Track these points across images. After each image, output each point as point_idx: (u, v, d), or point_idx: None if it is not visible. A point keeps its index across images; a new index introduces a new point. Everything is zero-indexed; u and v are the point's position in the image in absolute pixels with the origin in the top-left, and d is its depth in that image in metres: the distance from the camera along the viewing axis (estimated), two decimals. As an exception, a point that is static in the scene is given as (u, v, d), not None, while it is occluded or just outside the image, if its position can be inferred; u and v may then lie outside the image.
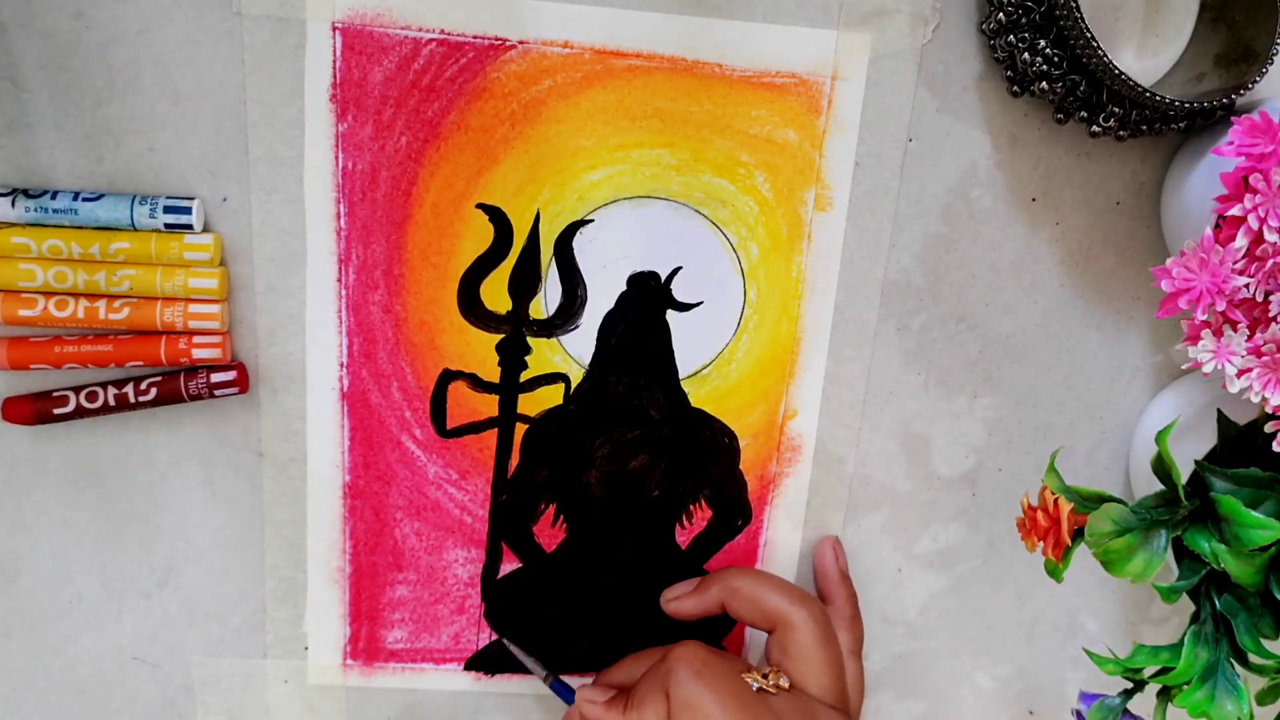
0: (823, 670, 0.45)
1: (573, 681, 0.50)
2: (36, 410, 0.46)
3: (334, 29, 0.44)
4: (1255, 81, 0.42)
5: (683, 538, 0.51)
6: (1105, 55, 0.42)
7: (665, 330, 0.48)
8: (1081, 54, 0.42)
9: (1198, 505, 0.41)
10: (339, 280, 0.46)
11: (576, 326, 0.48)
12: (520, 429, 0.49)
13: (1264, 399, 0.39)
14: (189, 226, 0.44)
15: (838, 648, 0.46)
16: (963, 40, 0.46)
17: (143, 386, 0.46)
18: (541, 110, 0.45)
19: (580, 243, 0.47)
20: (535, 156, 0.46)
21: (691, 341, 0.48)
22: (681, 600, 0.48)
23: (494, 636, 0.51)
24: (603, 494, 0.50)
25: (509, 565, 0.50)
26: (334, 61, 0.44)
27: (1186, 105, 0.43)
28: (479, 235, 0.47)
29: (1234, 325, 0.39)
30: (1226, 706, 0.41)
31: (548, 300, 0.48)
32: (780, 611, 0.45)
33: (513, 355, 0.48)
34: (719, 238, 0.47)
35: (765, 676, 0.44)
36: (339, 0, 0.43)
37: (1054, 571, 0.42)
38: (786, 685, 0.44)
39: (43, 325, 0.45)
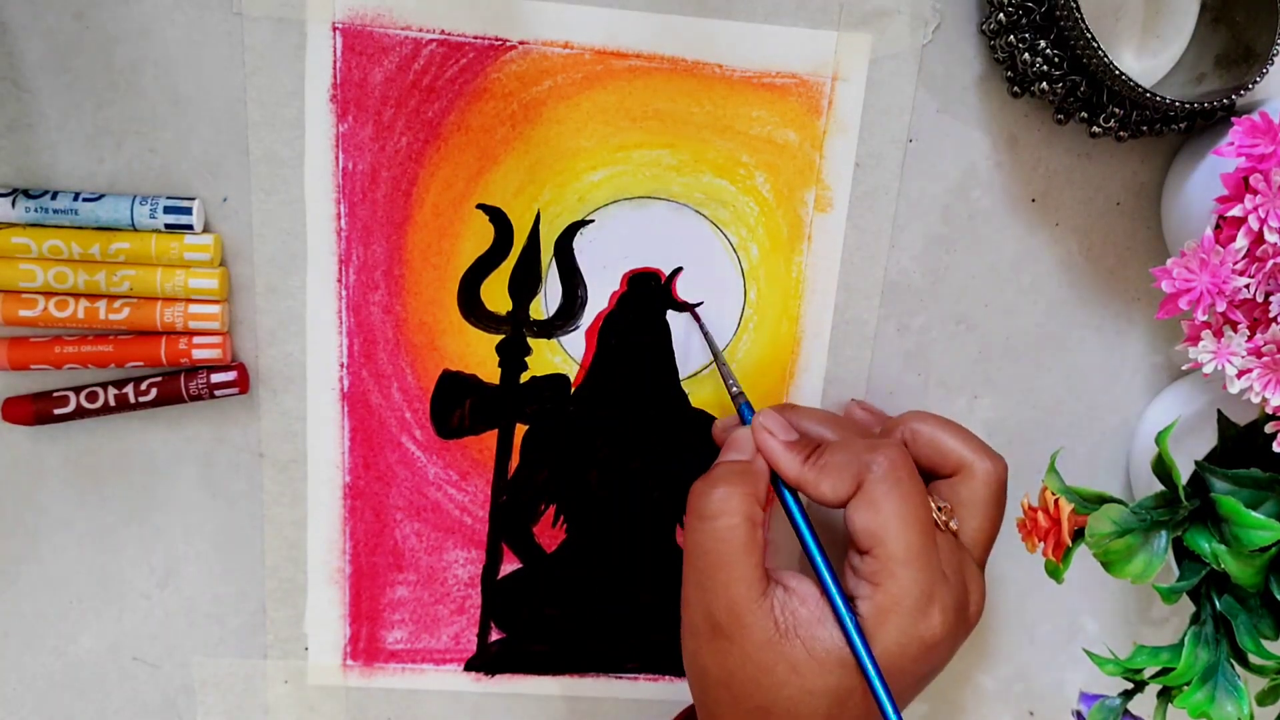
0: (984, 527, 0.44)
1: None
2: (36, 410, 0.46)
3: (334, 29, 0.44)
4: (1255, 82, 0.42)
5: (683, 539, 0.51)
6: (1105, 56, 0.42)
7: (665, 330, 0.48)
8: (1082, 54, 0.42)
9: (1198, 506, 0.41)
10: (339, 280, 0.46)
11: (576, 327, 0.48)
12: (520, 430, 0.49)
13: (1264, 399, 0.39)
14: (189, 227, 0.44)
15: (1003, 510, 0.45)
16: (963, 41, 0.46)
17: (143, 387, 0.46)
18: (542, 111, 0.45)
19: (580, 243, 0.47)
20: (535, 157, 0.46)
21: (692, 342, 0.48)
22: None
23: (495, 637, 0.51)
24: (603, 494, 0.50)
25: (509, 566, 0.50)
26: (334, 62, 0.44)
27: (1187, 106, 0.43)
28: (479, 236, 0.47)
29: (1234, 326, 0.39)
30: (1226, 707, 0.41)
31: (548, 301, 0.48)
32: (964, 458, 0.44)
33: (513, 356, 0.48)
34: (719, 238, 0.47)
35: (939, 510, 0.43)
36: (339, 1, 0.43)
37: (1054, 572, 0.42)
38: (955, 529, 0.43)
39: (43, 325, 0.45)
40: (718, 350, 0.47)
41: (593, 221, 0.47)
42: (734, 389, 0.46)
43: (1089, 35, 0.41)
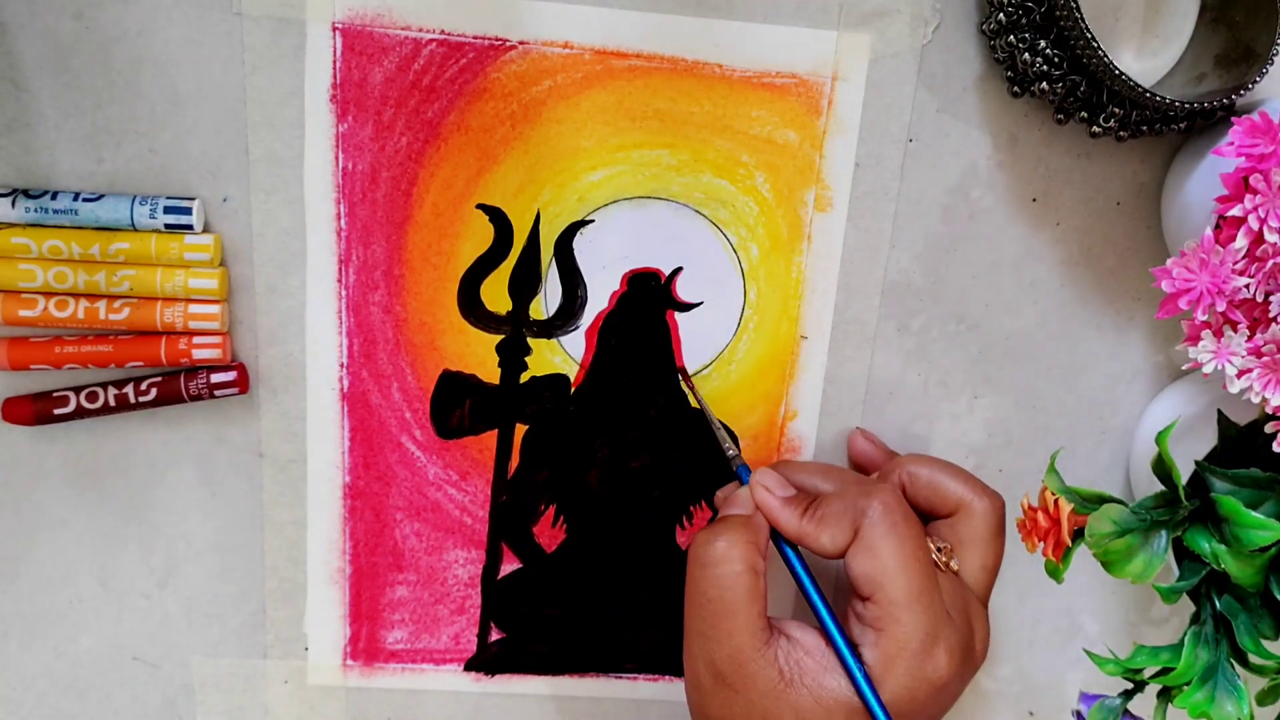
0: (986, 565, 0.44)
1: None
2: (36, 410, 0.46)
3: (334, 29, 0.44)
4: (1255, 82, 0.42)
5: (683, 538, 0.51)
6: (1105, 56, 0.42)
7: (665, 330, 0.48)
8: (1082, 54, 0.42)
9: (1198, 506, 0.41)
10: (339, 280, 0.46)
11: (576, 327, 0.48)
12: (520, 430, 0.49)
13: (1264, 399, 0.39)
14: (189, 227, 0.44)
15: (1003, 547, 0.45)
16: (963, 41, 0.46)
17: (143, 387, 0.46)
18: (542, 111, 0.45)
19: (580, 243, 0.47)
20: (535, 157, 0.46)
21: (691, 342, 0.48)
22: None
23: (495, 637, 0.51)
24: (603, 494, 0.50)
25: (509, 566, 0.50)
26: (334, 62, 0.44)
27: (1187, 106, 0.43)
28: (479, 236, 0.47)
29: (1234, 326, 0.39)
30: (1226, 707, 0.41)
31: (548, 301, 0.48)
32: (962, 498, 0.45)
33: (513, 356, 0.48)
34: (719, 238, 0.47)
35: (939, 551, 0.43)
36: (339, 1, 0.43)
37: (1054, 572, 0.42)
38: (956, 568, 0.44)
39: (43, 325, 0.45)
40: (713, 419, 0.48)
41: (593, 221, 0.47)
42: (730, 452, 0.47)
43: (1089, 35, 0.41)
